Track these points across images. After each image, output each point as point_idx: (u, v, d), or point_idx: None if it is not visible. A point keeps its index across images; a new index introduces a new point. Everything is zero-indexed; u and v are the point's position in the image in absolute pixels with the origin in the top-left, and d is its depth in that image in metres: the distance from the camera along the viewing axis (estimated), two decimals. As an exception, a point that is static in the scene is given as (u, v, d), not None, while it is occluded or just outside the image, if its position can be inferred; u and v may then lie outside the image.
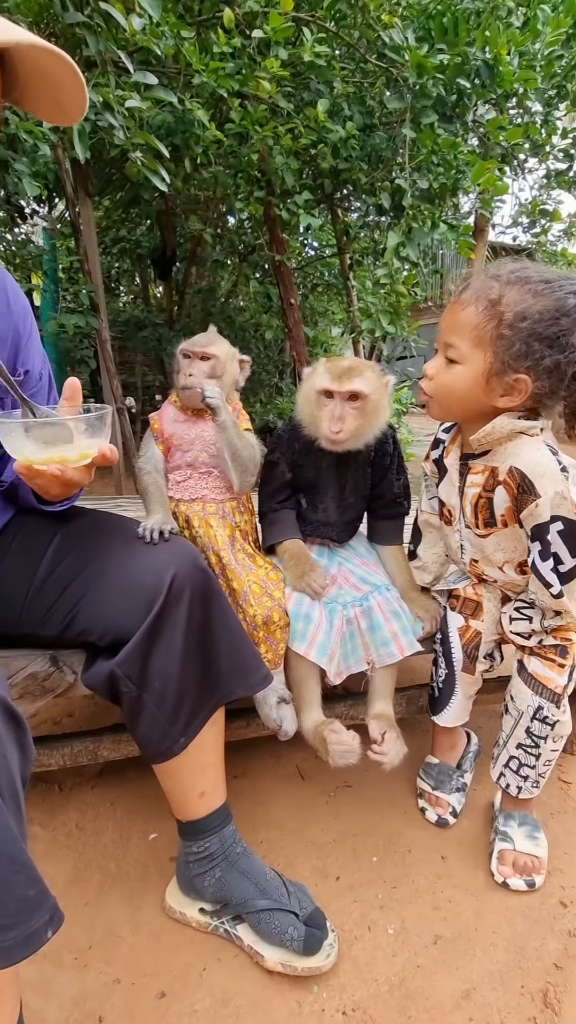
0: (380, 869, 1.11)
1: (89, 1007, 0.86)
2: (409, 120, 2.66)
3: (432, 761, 1.27)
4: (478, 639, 1.15)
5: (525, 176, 3.71)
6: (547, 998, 0.89)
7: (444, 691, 1.20)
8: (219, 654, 0.92)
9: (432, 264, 4.11)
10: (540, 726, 1.05)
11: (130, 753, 1.14)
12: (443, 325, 1.00)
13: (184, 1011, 0.86)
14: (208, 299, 5.19)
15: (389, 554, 1.29)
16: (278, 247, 3.53)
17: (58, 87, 0.76)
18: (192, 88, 2.34)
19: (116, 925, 0.98)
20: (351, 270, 4.12)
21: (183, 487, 1.15)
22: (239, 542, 1.17)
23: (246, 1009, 0.86)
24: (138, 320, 5.25)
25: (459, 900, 1.05)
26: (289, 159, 2.76)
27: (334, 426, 1.07)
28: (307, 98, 2.85)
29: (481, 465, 1.04)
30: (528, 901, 1.05)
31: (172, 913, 0.99)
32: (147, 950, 0.94)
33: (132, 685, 0.84)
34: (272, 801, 1.27)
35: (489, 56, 2.63)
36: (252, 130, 2.54)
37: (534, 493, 0.94)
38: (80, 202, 3.11)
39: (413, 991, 0.90)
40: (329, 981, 0.90)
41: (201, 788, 0.94)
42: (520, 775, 1.09)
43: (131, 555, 0.91)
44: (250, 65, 2.40)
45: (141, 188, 2.97)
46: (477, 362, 0.95)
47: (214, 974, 0.91)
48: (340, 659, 1.14)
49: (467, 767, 1.28)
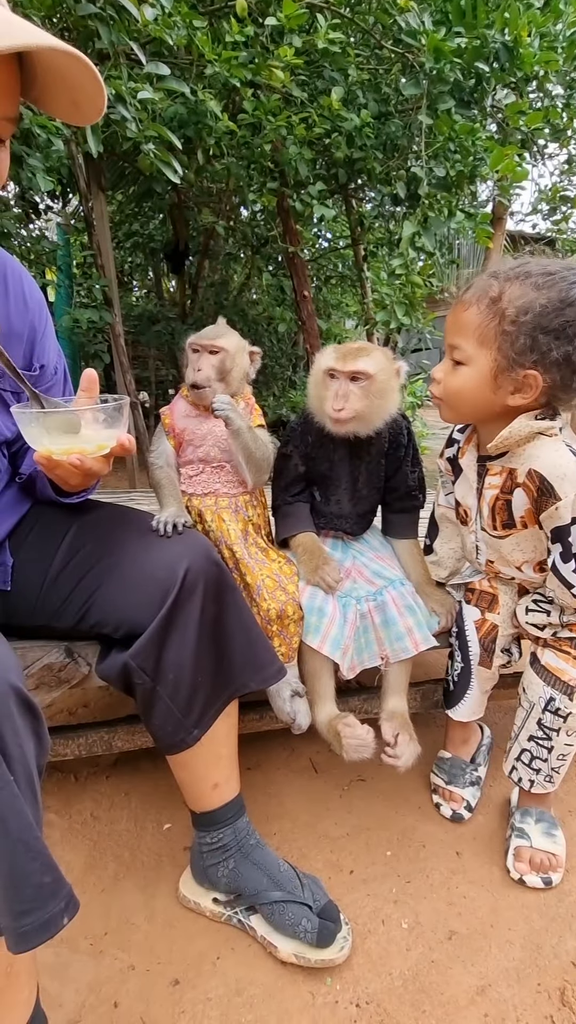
0: (394, 863, 1.10)
1: (105, 992, 0.87)
2: (425, 106, 2.61)
3: (445, 755, 1.26)
4: (495, 632, 1.14)
5: (545, 162, 3.62)
6: (564, 996, 0.88)
7: (459, 685, 1.19)
8: (232, 647, 0.92)
9: (448, 254, 4.04)
10: (552, 718, 1.03)
11: (144, 744, 1.15)
12: (447, 328, 1.00)
13: (198, 999, 0.86)
14: (221, 292, 5.18)
15: (404, 548, 1.28)
16: (291, 239, 3.50)
17: (76, 87, 0.76)
18: (204, 79, 2.33)
19: (131, 913, 0.99)
20: (365, 261, 4.07)
21: (195, 481, 1.14)
22: (252, 536, 1.17)
23: (260, 999, 0.87)
24: (151, 314, 5.26)
25: (474, 896, 1.04)
26: (303, 149, 2.73)
27: (336, 404, 1.06)
28: (321, 86, 2.81)
29: (499, 467, 1.02)
30: (545, 898, 1.04)
31: (186, 902, 1.00)
32: (161, 938, 0.95)
33: (146, 677, 0.84)
34: (285, 794, 1.27)
35: (509, 38, 2.56)
36: (265, 120, 2.52)
37: (554, 496, 0.92)
38: (93, 196, 3.11)
39: (427, 986, 0.89)
40: (343, 973, 0.90)
41: (214, 780, 0.95)
42: (532, 768, 1.08)
43: (145, 548, 0.91)
44: (263, 54, 2.37)
45: (154, 181, 2.96)
46: (483, 362, 0.94)
47: (228, 963, 0.92)
48: (353, 653, 1.14)
49: (481, 761, 1.27)
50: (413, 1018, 0.85)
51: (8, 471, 0.98)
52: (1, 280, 0.91)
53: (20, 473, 0.99)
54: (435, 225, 2.77)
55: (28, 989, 0.69)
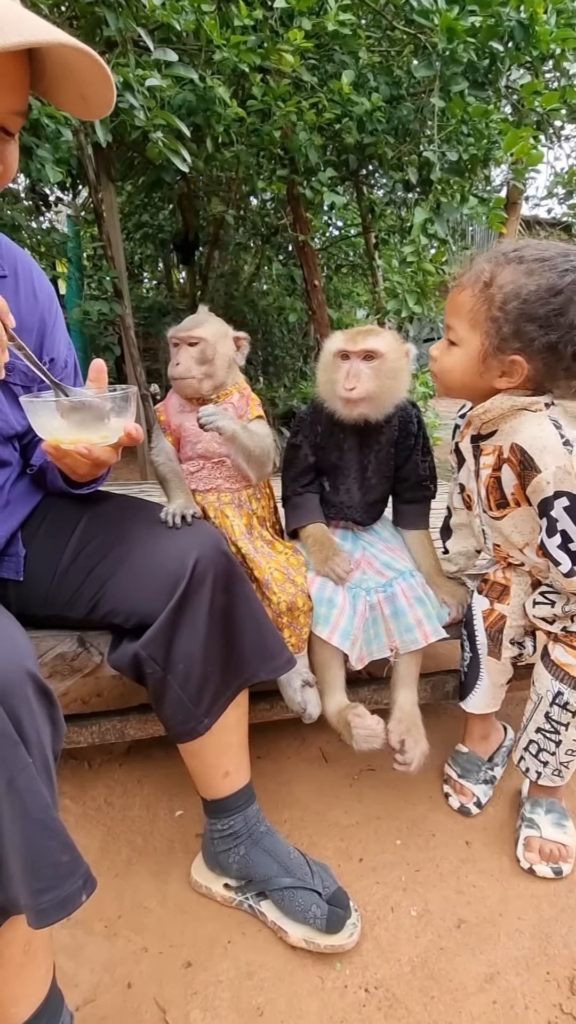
0: (403, 852, 1.11)
1: (119, 973, 0.89)
2: (438, 88, 2.55)
3: (462, 750, 1.26)
4: (502, 622, 1.13)
5: (561, 144, 3.53)
6: (574, 985, 0.88)
7: (469, 675, 1.18)
8: (242, 638, 0.92)
9: (461, 241, 3.97)
10: (560, 712, 1.03)
11: (156, 732, 1.17)
12: (446, 307, 1.01)
13: (210, 980, 0.88)
14: (231, 283, 5.15)
15: (414, 538, 1.27)
16: (301, 227, 3.46)
17: (84, 82, 0.76)
18: (213, 64, 2.29)
19: (144, 897, 1.01)
20: (376, 249, 4.02)
21: (196, 478, 1.14)
22: (257, 529, 1.17)
23: (270, 982, 0.88)
24: (161, 306, 5.25)
25: (484, 885, 1.05)
26: (313, 135, 2.68)
27: (348, 383, 1.06)
28: (331, 70, 2.75)
29: (490, 446, 1.03)
30: (555, 888, 1.04)
31: (198, 887, 1.01)
32: (174, 922, 0.97)
33: (157, 666, 0.85)
34: (295, 782, 1.28)
35: (524, 16, 2.49)
36: (275, 106, 2.48)
37: (535, 468, 0.93)
38: (103, 187, 3.10)
39: (436, 972, 0.90)
40: (352, 959, 0.91)
41: (225, 768, 0.96)
42: (539, 760, 1.08)
43: (155, 539, 0.92)
44: (272, 38, 2.33)
45: (162, 171, 2.93)
46: (473, 344, 0.95)
47: (239, 947, 0.93)
48: (363, 644, 1.14)
49: (499, 761, 1.26)
50: (422, 1003, 0.85)
51: (19, 463, 0.99)
52: (12, 274, 0.91)
53: (31, 465, 1.00)
54: (447, 211, 2.72)
55: (45, 967, 0.71)
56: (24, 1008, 0.67)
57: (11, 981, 0.66)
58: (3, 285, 0.89)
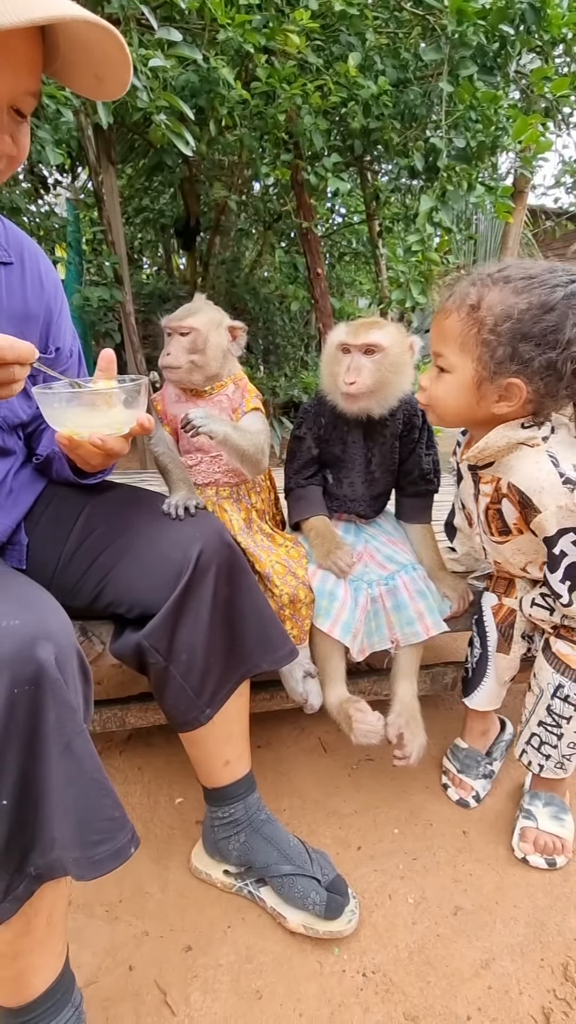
0: (401, 841, 1.12)
1: (120, 956, 0.90)
2: (446, 72, 2.51)
3: (461, 745, 1.27)
4: (512, 617, 1.14)
5: (570, 131, 3.47)
6: (567, 971, 0.90)
7: (477, 672, 1.19)
8: (245, 629, 0.92)
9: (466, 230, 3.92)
10: (562, 705, 1.03)
11: (157, 721, 1.17)
12: (432, 335, 0.98)
13: (210, 964, 0.89)
14: (232, 270, 5.09)
15: (417, 532, 1.27)
16: (305, 213, 3.41)
17: (100, 61, 0.73)
18: (217, 45, 2.25)
19: (144, 882, 1.03)
20: (380, 237, 3.97)
21: (195, 471, 1.13)
22: (256, 523, 1.16)
23: (269, 966, 0.89)
24: (162, 292, 5.19)
25: (480, 874, 1.06)
26: (318, 119, 2.64)
27: (349, 377, 1.04)
28: (337, 52, 2.70)
29: (489, 476, 1.01)
30: (551, 878, 1.06)
31: (198, 873, 1.03)
32: (174, 907, 0.98)
33: (159, 656, 0.85)
34: (295, 772, 1.29)
35: (535, -2, 2.44)
36: (279, 88, 2.43)
37: (534, 508, 0.91)
38: (103, 170, 3.05)
39: (432, 958, 0.91)
40: (350, 945, 0.93)
41: (226, 757, 0.96)
42: (542, 753, 1.08)
43: (159, 529, 0.92)
44: (278, 18, 2.29)
45: (164, 154, 2.89)
46: (465, 370, 0.92)
47: (238, 932, 0.94)
48: (364, 637, 1.14)
49: (497, 755, 1.28)
50: (418, 988, 0.87)
51: (24, 452, 0.98)
52: (18, 261, 0.90)
53: (36, 454, 0.99)
54: (454, 199, 2.69)
55: (62, 943, 0.73)
56: (42, 980, 0.70)
57: (35, 951, 0.68)
58: (9, 272, 0.88)
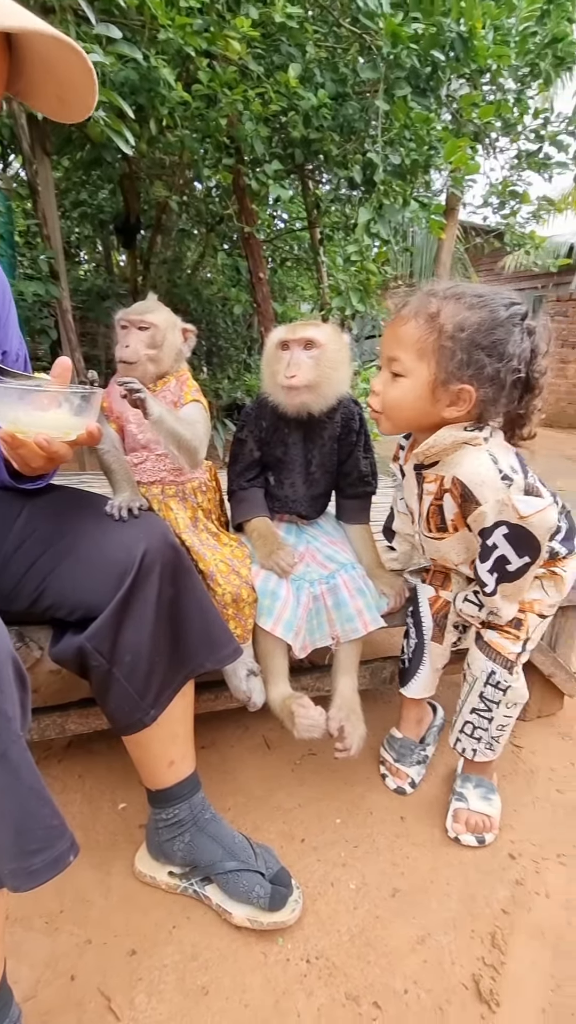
0: (343, 830, 1.16)
1: (61, 967, 0.88)
2: (382, 91, 2.61)
3: (396, 735, 1.32)
4: (447, 608, 1.21)
5: (496, 156, 3.71)
6: (495, 940, 0.97)
7: (413, 661, 1.25)
8: (189, 629, 0.93)
9: (403, 242, 4.08)
10: (493, 691, 1.11)
11: (98, 726, 1.15)
12: (385, 341, 1.03)
13: (154, 966, 0.89)
14: (174, 270, 5.03)
15: (356, 532, 1.32)
16: (247, 218, 3.44)
17: (64, 83, 0.74)
18: (157, 44, 2.23)
19: (86, 890, 1.01)
20: (321, 244, 4.06)
21: (140, 470, 1.13)
22: (202, 522, 1.17)
23: (215, 961, 0.90)
24: (100, 290, 5.04)
25: (416, 856, 1.12)
26: (259, 126, 2.67)
27: (289, 371, 1.08)
28: (278, 61, 2.75)
29: (433, 475, 1.08)
30: (480, 855, 1.13)
31: (142, 877, 1.02)
32: (117, 912, 0.97)
33: (102, 659, 0.84)
34: (239, 770, 1.30)
35: (464, 29, 2.59)
36: (221, 92, 2.45)
37: (475, 501, 0.99)
38: (38, 161, 2.94)
39: (372, 939, 0.96)
40: (294, 934, 0.95)
41: (170, 758, 0.97)
42: (473, 738, 1.16)
43: (102, 531, 0.91)
44: (219, 23, 2.30)
45: (103, 149, 2.82)
46: (422, 374, 0.98)
47: (183, 931, 0.95)
48: (306, 634, 1.17)
49: (430, 740, 1.35)
50: (359, 969, 0.91)
51: None
52: None
53: None
54: (390, 213, 2.80)
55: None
56: None
57: None
58: None
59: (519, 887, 1.06)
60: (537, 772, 1.35)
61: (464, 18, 2.57)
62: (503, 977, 0.91)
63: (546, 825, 1.20)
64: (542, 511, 0.98)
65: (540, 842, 1.16)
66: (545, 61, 3.03)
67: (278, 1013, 0.84)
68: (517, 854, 1.13)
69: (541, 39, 2.95)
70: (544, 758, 1.40)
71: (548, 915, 1.01)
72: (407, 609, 1.27)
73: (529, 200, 3.84)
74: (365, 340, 6.29)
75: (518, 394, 0.99)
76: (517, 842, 1.16)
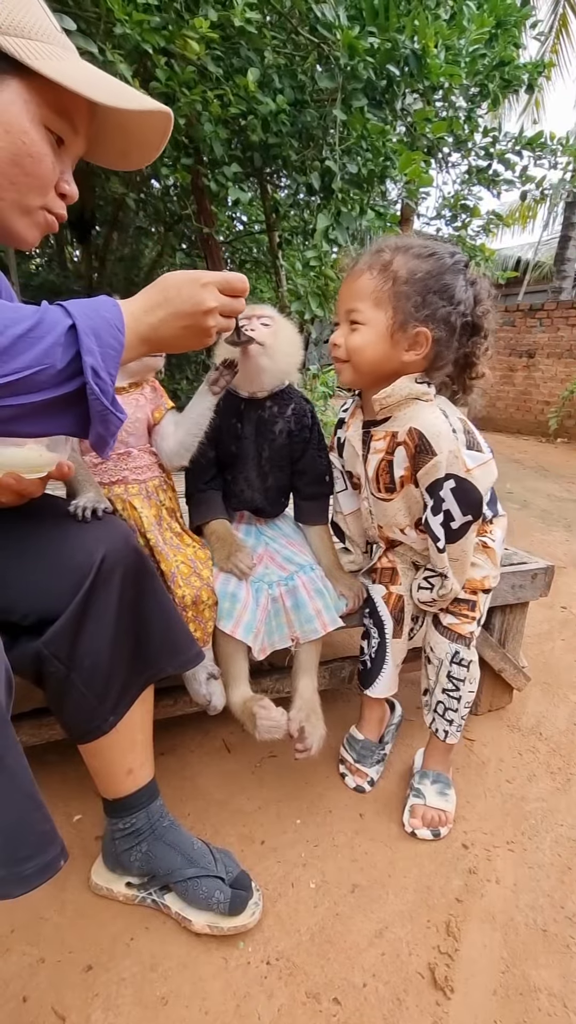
0: (303, 830, 1.17)
1: (11, 989, 0.85)
2: (339, 101, 2.66)
3: (357, 736, 1.34)
4: (401, 602, 1.24)
5: (448, 170, 3.84)
6: (449, 928, 1.00)
7: (376, 661, 1.27)
8: (151, 633, 0.92)
9: (360, 248, 4.17)
10: (458, 668, 1.18)
11: (52, 737, 1.12)
12: (342, 296, 1.09)
13: (112, 980, 0.87)
14: (131, 268, 4.94)
15: (314, 533, 1.33)
16: (206, 219, 3.42)
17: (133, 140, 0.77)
18: (114, 38, 2.19)
19: (40, 907, 0.97)
20: (280, 248, 4.09)
21: (101, 470, 1.11)
22: (167, 521, 1.16)
23: (174, 971, 0.89)
24: (54, 285, 4.89)
25: (374, 852, 1.14)
26: (218, 128, 2.67)
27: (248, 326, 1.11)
28: (237, 64, 2.75)
29: (383, 431, 1.13)
30: (435, 846, 1.16)
31: (98, 890, 1.00)
32: (72, 928, 0.95)
33: (60, 664, 0.82)
34: (199, 775, 1.29)
35: (418, 46, 2.67)
36: (179, 92, 2.43)
37: (431, 452, 1.03)
38: (-14, 149, 2.83)
39: (332, 936, 0.97)
40: (254, 936, 0.95)
41: (129, 765, 0.95)
42: (446, 719, 1.21)
43: (60, 534, 0.88)
44: (177, 22, 2.28)
45: (57, 141, 2.74)
46: (380, 320, 1.03)
47: (141, 942, 0.93)
48: (264, 636, 1.18)
49: (388, 738, 1.37)
50: (319, 966, 0.92)
51: None
52: None
53: None
54: (347, 221, 2.85)
55: None
56: None
57: None
58: None
59: (472, 875, 1.10)
60: (488, 763, 1.40)
61: (418, 36, 2.65)
62: (457, 963, 0.94)
63: (497, 814, 1.25)
64: (485, 463, 1.06)
65: (491, 830, 1.21)
66: (493, 82, 3.17)
67: (239, 1017, 0.84)
68: (470, 844, 1.17)
69: (490, 61, 3.08)
70: (495, 750, 1.45)
71: (498, 900, 1.05)
72: (363, 611, 1.29)
73: (479, 214, 3.99)
74: (324, 344, 6.38)
75: (467, 338, 1.07)
76: (470, 832, 1.20)
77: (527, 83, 3.24)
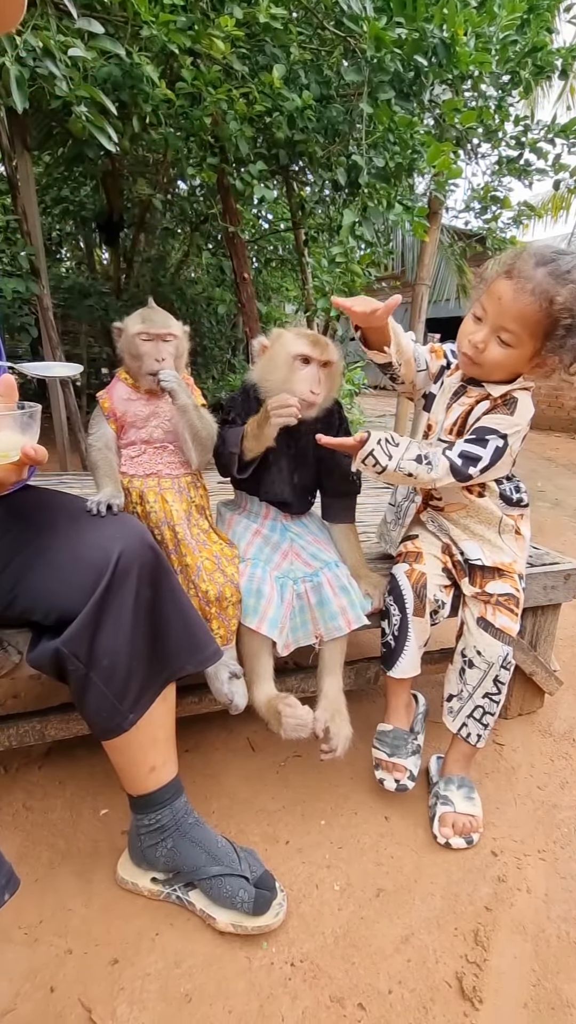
0: (327, 831, 1.16)
1: (40, 979, 0.86)
2: (366, 94, 2.63)
3: (386, 728, 1.30)
4: (424, 579, 1.21)
5: (478, 161, 3.75)
6: (477, 937, 0.97)
7: (398, 639, 1.22)
8: (169, 631, 0.92)
9: (387, 244, 4.10)
10: (505, 673, 1.17)
11: (79, 732, 1.13)
12: (501, 308, 1.08)
13: (137, 975, 0.88)
14: (158, 269, 4.99)
15: (341, 532, 1.32)
16: (231, 218, 3.42)
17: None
18: (140, 40, 2.21)
19: (67, 899, 0.99)
20: (306, 246, 4.06)
21: (137, 462, 1.12)
22: (195, 517, 1.17)
23: (199, 968, 0.89)
24: (82, 287, 4.98)
25: (400, 856, 1.12)
26: (243, 126, 2.66)
27: (314, 388, 1.14)
28: (262, 62, 2.74)
29: (477, 392, 1.20)
30: (464, 853, 1.14)
31: (124, 884, 1.01)
32: (99, 921, 0.96)
33: (79, 663, 0.83)
34: (224, 773, 1.29)
35: (446, 35, 2.62)
36: (205, 91, 2.43)
37: (512, 411, 1.15)
38: (18, 155, 2.89)
39: (357, 940, 0.95)
40: (278, 937, 0.95)
41: (151, 763, 0.95)
42: (482, 723, 1.19)
43: (77, 533, 0.89)
44: (203, 21, 2.29)
45: (85, 145, 2.78)
46: (528, 348, 1.10)
47: (167, 938, 0.94)
48: (289, 632, 1.17)
49: (419, 728, 1.33)
50: (343, 970, 0.91)
51: None
52: None
53: None
54: (374, 215, 2.81)
55: None
56: None
57: None
58: None
59: (501, 884, 1.07)
60: (518, 769, 1.37)
61: (446, 24, 2.59)
62: (485, 974, 0.91)
63: (528, 821, 1.22)
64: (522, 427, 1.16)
65: (521, 838, 1.17)
66: (525, 69, 3.07)
67: (262, 1017, 0.83)
68: (499, 851, 1.14)
69: (521, 47, 2.99)
70: (525, 755, 1.41)
71: (529, 910, 1.02)
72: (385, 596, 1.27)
73: (510, 205, 3.89)
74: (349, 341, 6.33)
75: None
76: (499, 839, 1.17)
77: (561, 69, 3.13)
